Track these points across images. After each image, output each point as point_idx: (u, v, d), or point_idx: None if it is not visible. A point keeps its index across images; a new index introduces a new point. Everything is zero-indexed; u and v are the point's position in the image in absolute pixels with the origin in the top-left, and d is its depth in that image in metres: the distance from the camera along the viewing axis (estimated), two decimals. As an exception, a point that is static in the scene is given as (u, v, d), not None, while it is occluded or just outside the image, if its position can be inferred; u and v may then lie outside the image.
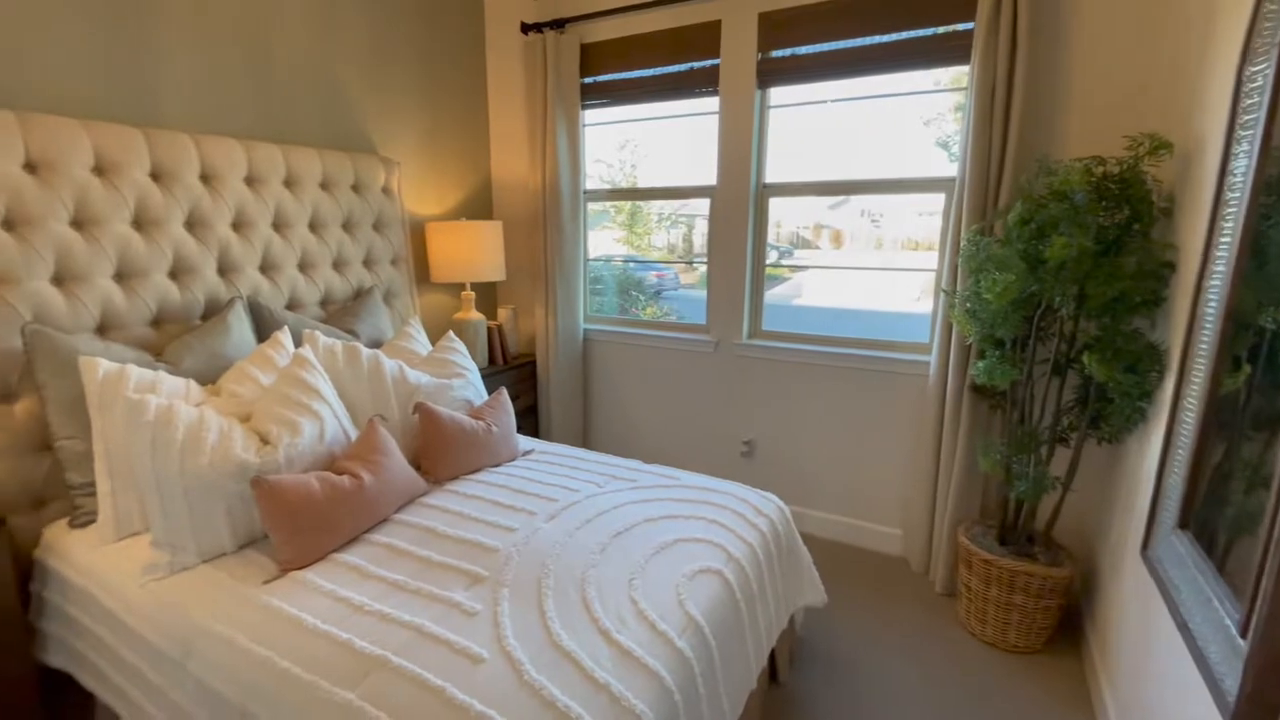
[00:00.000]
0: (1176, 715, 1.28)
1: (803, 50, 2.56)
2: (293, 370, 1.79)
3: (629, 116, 3.21)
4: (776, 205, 2.84)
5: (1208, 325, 1.35)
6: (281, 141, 2.36)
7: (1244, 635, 0.99)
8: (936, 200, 2.51)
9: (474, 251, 2.93)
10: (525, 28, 3.01)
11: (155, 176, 1.97)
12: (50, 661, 1.65)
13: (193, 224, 2.07)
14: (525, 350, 3.50)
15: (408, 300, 2.87)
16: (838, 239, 3.76)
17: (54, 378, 1.66)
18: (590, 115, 3.17)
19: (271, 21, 2.32)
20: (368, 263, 2.68)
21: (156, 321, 1.99)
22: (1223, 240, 1.31)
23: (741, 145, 2.74)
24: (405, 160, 2.91)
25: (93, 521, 1.68)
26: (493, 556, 1.53)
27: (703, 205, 3.63)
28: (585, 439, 3.44)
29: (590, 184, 3.27)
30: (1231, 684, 0.99)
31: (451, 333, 2.44)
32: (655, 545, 1.60)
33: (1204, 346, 1.36)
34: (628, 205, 3.56)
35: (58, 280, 1.77)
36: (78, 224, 1.81)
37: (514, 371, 3.21)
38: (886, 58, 2.43)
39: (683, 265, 4.75)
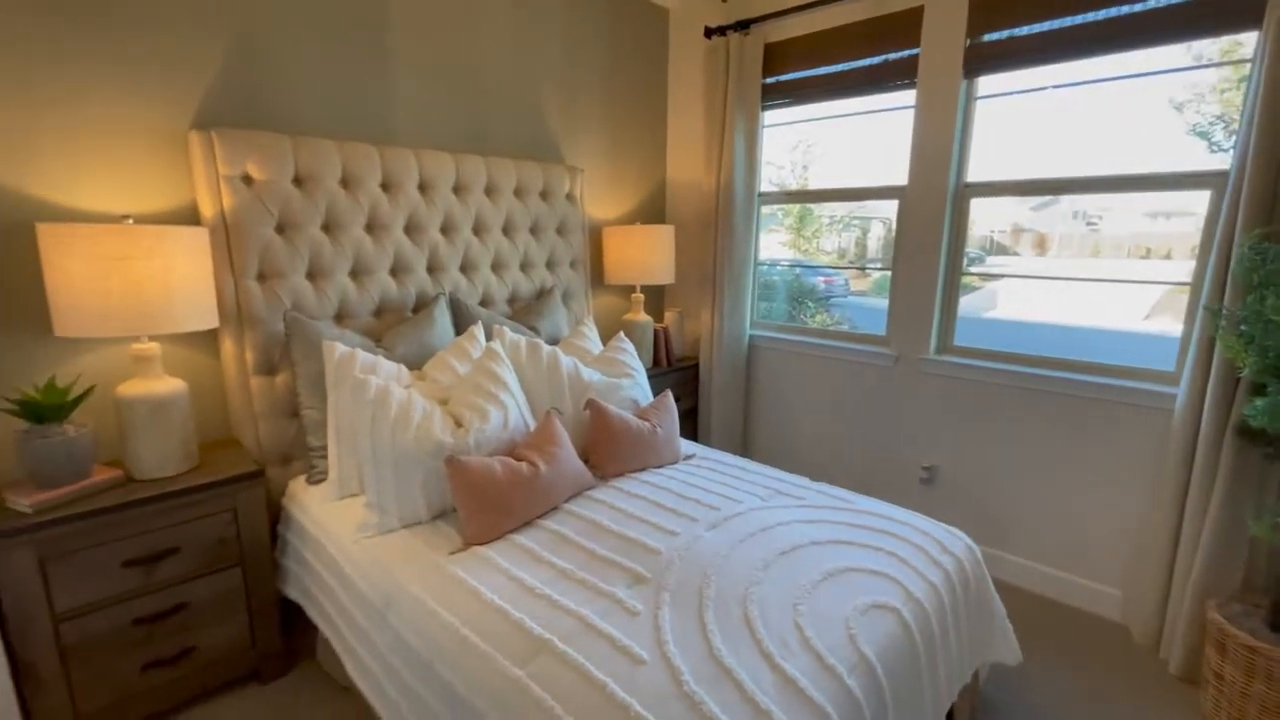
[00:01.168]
0: None
1: (1022, 31, 2.25)
2: (484, 362, 1.95)
3: (808, 116, 3.08)
4: (974, 206, 2.54)
5: None
6: (483, 153, 2.60)
7: None
8: (1183, 199, 2.06)
9: (646, 254, 3.00)
10: (709, 31, 3.01)
11: (385, 187, 2.27)
12: (288, 593, 1.97)
13: (410, 228, 2.35)
14: (689, 353, 3.51)
15: (583, 301, 3.01)
16: (1042, 244, 3.28)
17: (304, 357, 1.98)
18: (769, 116, 3.09)
19: (481, 46, 2.57)
20: (550, 265, 2.85)
21: (378, 312, 2.29)
22: None
23: (940, 141, 2.49)
24: (588, 167, 3.07)
25: (324, 480, 1.98)
26: (655, 558, 1.53)
27: (881, 207, 3.38)
28: (744, 447, 3.36)
29: (763, 186, 3.19)
30: None
31: (622, 333, 2.51)
32: (824, 571, 1.50)
33: None
34: (796, 208, 3.42)
35: (310, 275, 2.11)
36: (327, 228, 2.14)
37: (677, 374, 3.23)
38: (1134, 31, 2.05)
39: (854, 271, 4.44)
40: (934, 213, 2.55)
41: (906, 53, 2.53)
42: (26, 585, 1.51)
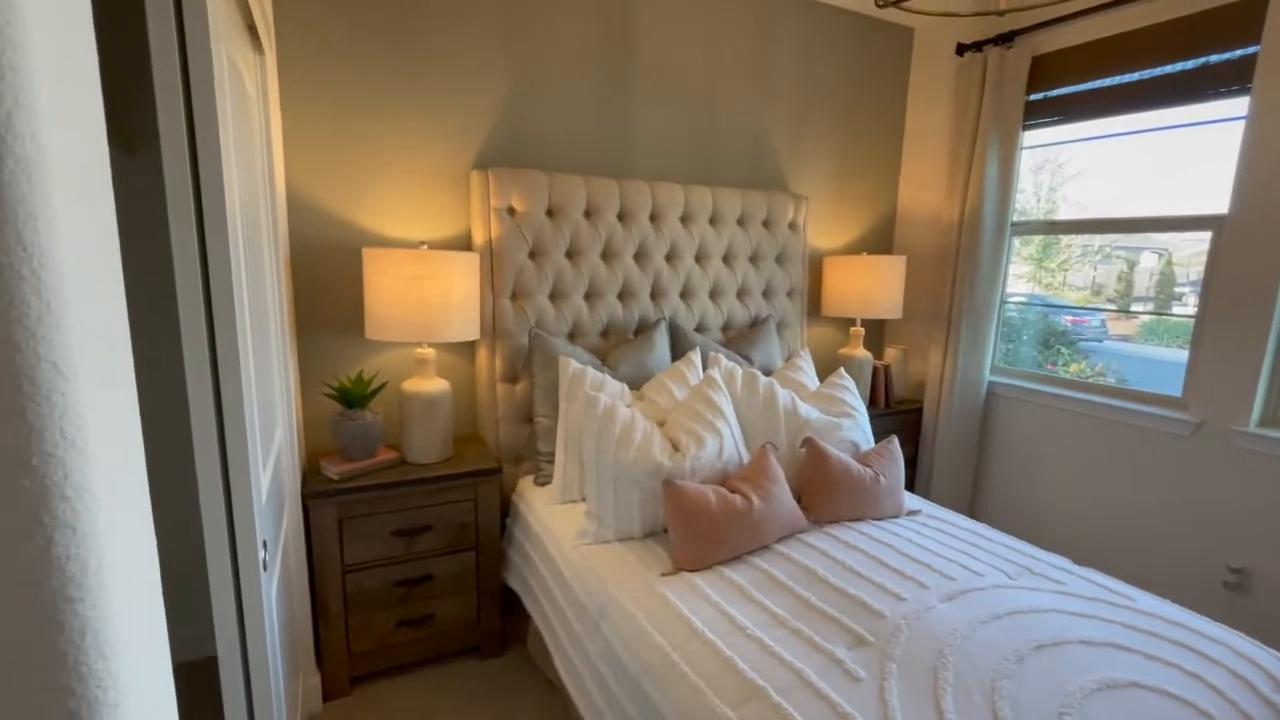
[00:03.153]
0: None
1: None
2: (702, 389, 1.97)
3: (1082, 135, 2.65)
4: (1340, 240, 1.95)
5: None
6: (710, 183, 2.67)
7: None
8: None
9: (871, 286, 2.81)
10: (961, 48, 2.77)
11: (620, 217, 2.43)
12: (509, 581, 2.16)
13: (639, 255, 2.49)
14: (910, 396, 3.21)
15: (797, 331, 2.92)
16: None
17: (542, 369, 2.18)
18: (1029, 137, 2.73)
19: (718, 80, 2.65)
20: (766, 293, 2.82)
21: (604, 332, 2.45)
22: None
23: (1281, 158, 1.97)
24: (813, 195, 2.99)
25: (549, 483, 2.15)
26: (879, 622, 1.39)
27: (1155, 237, 2.78)
28: (972, 508, 2.96)
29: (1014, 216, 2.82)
30: None
31: (843, 369, 2.38)
32: (1100, 679, 1.23)
33: None
34: (1038, 237, 2.96)
35: (552, 296, 2.33)
36: (569, 254, 2.35)
37: (896, 417, 2.97)
38: None
39: (1116, 313, 3.69)
40: (1271, 247, 2.01)
41: (1239, 52, 2.05)
42: (328, 538, 1.86)
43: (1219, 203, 2.14)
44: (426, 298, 1.90)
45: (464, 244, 2.28)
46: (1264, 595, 2.07)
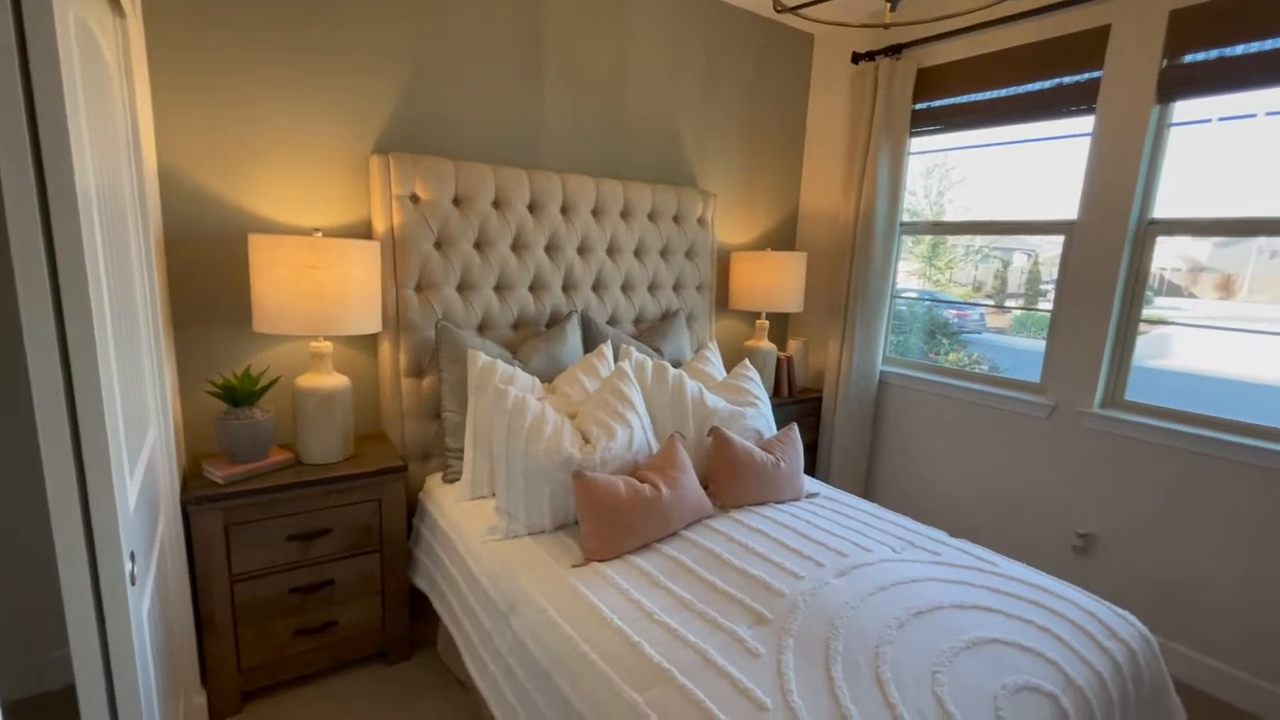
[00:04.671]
0: None
1: (1237, 50, 1.98)
2: (613, 380, 1.99)
3: (958, 144, 2.89)
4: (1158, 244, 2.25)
5: None
6: (621, 177, 2.69)
7: None
8: None
9: (775, 281, 2.94)
10: (856, 57, 2.93)
11: (531, 208, 2.40)
12: (416, 583, 2.10)
13: (551, 248, 2.47)
14: (811, 385, 3.39)
15: (706, 324, 3.00)
16: (1227, 285, 2.84)
17: (450, 363, 2.12)
18: (916, 143, 2.94)
19: (627, 75, 2.66)
20: (677, 287, 2.88)
21: (516, 325, 2.42)
22: None
23: (1122, 172, 2.24)
24: (720, 191, 3.07)
25: (457, 479, 2.10)
26: (778, 600, 1.47)
27: (1026, 239, 3.12)
28: (866, 489, 3.18)
29: (903, 216, 3.03)
30: None
31: (747, 360, 2.47)
32: (966, 639, 1.36)
33: None
34: (928, 236, 3.22)
35: (460, 288, 2.27)
36: (478, 245, 2.30)
37: (798, 406, 3.12)
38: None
39: (992, 308, 4.11)
40: (1110, 250, 2.29)
41: (1085, 76, 2.31)
42: (213, 545, 1.73)
43: (1071, 209, 2.40)
44: (322, 288, 1.79)
45: (364, 232, 2.17)
46: (1104, 556, 2.36)
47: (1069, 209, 2.41)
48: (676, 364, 2.65)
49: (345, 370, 2.17)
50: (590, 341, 2.46)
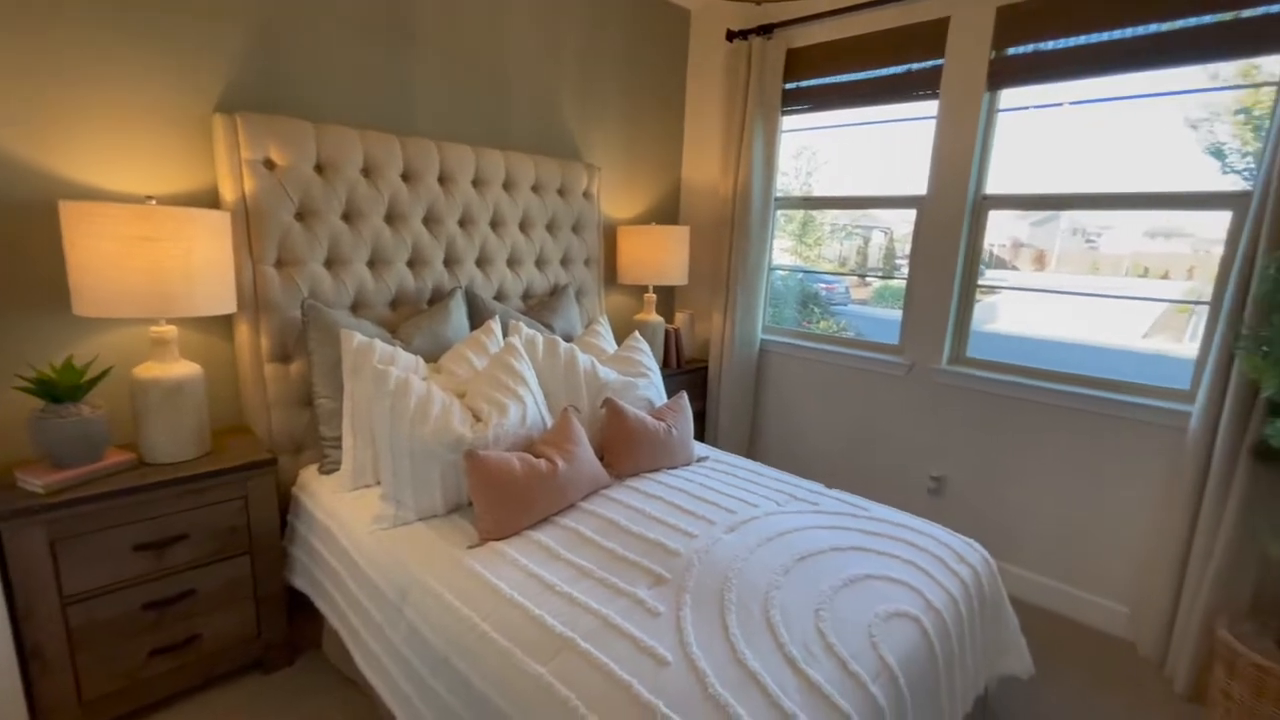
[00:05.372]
0: None
1: (1048, 46, 2.26)
2: (503, 356, 1.94)
3: (828, 123, 3.09)
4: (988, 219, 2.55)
5: None
6: (503, 147, 2.59)
7: None
8: (1181, 220, 2.09)
9: (660, 255, 2.99)
10: (730, 35, 3.01)
11: (405, 177, 2.25)
12: (295, 583, 1.95)
13: (430, 220, 2.34)
14: (698, 355, 3.51)
15: (595, 299, 3.00)
16: (1040, 259, 3.30)
17: (320, 345, 1.96)
18: (788, 121, 3.09)
19: (503, 40, 2.56)
20: (564, 262, 2.84)
21: (394, 303, 2.28)
22: None
23: (961, 152, 2.49)
24: (604, 165, 3.06)
25: (336, 470, 1.96)
26: (675, 560, 1.53)
27: (883, 217, 3.43)
28: (751, 450, 3.36)
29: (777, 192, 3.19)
30: None
31: (637, 333, 2.51)
32: (844, 577, 1.49)
33: None
34: (799, 214, 3.43)
35: (328, 263, 2.10)
36: (347, 217, 2.12)
37: (686, 376, 3.22)
38: (1159, 50, 2.07)
39: (854, 279, 4.53)
40: (952, 223, 2.55)
41: (930, 63, 2.53)
42: (36, 566, 1.49)
43: (922, 186, 2.64)
44: (160, 264, 1.58)
45: (210, 201, 1.93)
46: (952, 495, 2.68)
47: (921, 186, 2.65)
48: (568, 339, 2.63)
49: (196, 357, 1.93)
50: (477, 319, 2.37)
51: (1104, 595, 2.34)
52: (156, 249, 1.57)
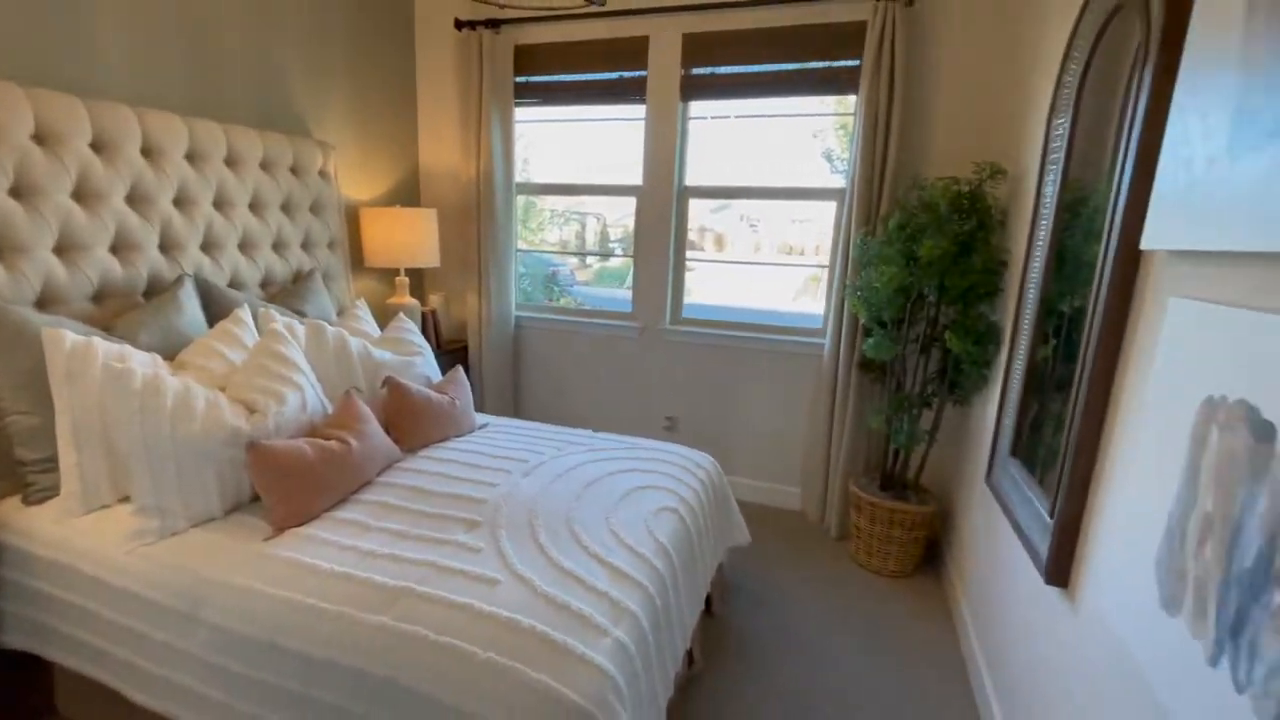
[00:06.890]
0: (1009, 583, 1.76)
1: (721, 70, 2.93)
2: (268, 345, 1.85)
3: (559, 117, 3.43)
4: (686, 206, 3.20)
5: (1028, 309, 1.85)
6: (218, 119, 2.33)
7: (1051, 515, 1.45)
8: (812, 208, 3.02)
9: (409, 237, 3.01)
10: (459, 24, 3.12)
11: (96, 148, 1.92)
12: (9, 644, 1.61)
13: (135, 199, 2.03)
14: (457, 336, 3.60)
15: (344, 284, 2.89)
16: (720, 242, 4.22)
17: (6, 352, 1.61)
18: (521, 113, 3.34)
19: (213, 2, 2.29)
20: (306, 245, 2.69)
21: (98, 297, 1.94)
22: (1038, 245, 1.82)
23: (666, 150, 3.06)
24: (337, 144, 2.93)
25: (52, 496, 1.65)
26: (482, 506, 1.73)
27: (595, 204, 3.99)
28: (518, 415, 3.60)
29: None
30: (1043, 548, 1.45)
31: (403, 314, 2.54)
32: (621, 491, 1.88)
33: (1026, 325, 1.86)
34: (521, 201, 3.76)
35: (-5, 251, 1.71)
36: (16, 193, 1.75)
37: (448, 356, 3.31)
38: (790, 83, 2.85)
39: (577, 264, 5.18)
40: (664, 209, 3.12)
41: (638, 73, 3.03)
42: None
43: (639, 177, 3.16)
44: None
45: None
46: (684, 430, 3.33)
47: (638, 177, 3.16)
48: (321, 326, 2.52)
49: None
50: (214, 310, 2.15)
51: (786, 484, 3.21)
52: None
